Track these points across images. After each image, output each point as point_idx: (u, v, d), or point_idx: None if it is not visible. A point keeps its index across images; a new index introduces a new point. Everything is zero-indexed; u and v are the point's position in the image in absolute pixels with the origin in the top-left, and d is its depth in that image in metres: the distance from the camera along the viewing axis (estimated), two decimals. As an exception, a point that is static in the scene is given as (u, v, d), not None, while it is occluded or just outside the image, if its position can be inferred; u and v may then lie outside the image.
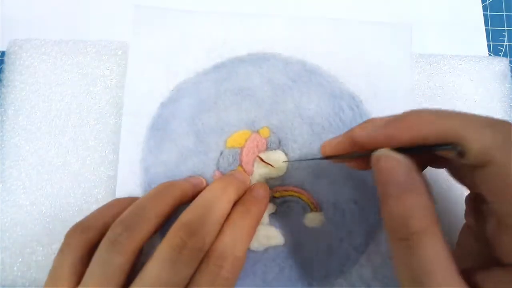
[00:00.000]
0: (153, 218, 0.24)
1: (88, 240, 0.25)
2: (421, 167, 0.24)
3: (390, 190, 0.20)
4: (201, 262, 0.23)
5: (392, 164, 0.20)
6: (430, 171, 0.25)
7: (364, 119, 0.31)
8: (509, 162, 0.18)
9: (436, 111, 0.20)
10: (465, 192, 0.24)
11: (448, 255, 0.19)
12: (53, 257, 0.30)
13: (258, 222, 0.27)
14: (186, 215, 0.24)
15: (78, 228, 0.25)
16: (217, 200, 0.25)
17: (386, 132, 0.21)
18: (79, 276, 0.24)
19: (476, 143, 0.19)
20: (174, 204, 0.26)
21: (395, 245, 0.20)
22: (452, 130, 0.19)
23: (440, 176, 0.28)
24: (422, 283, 0.18)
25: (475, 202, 0.24)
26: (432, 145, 0.20)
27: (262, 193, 0.28)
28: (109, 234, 0.24)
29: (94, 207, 0.31)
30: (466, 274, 0.19)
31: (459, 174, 0.24)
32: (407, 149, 0.21)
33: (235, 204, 0.26)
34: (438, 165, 0.25)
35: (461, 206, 0.25)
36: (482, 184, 0.20)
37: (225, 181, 0.27)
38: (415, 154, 0.21)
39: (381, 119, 0.23)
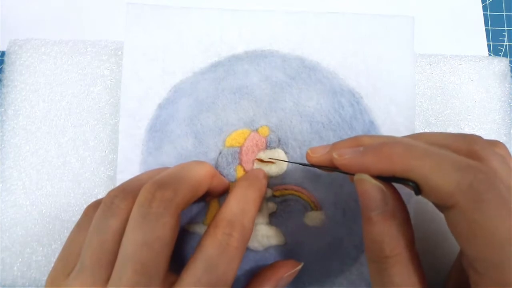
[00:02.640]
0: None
1: None
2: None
3: (367, 213, 0.22)
4: (207, 231, 0.23)
5: (372, 190, 0.22)
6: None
7: (365, 115, 0.31)
8: (473, 208, 0.18)
9: (411, 148, 0.21)
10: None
11: (416, 280, 0.21)
12: (53, 257, 0.30)
13: (261, 197, 0.27)
14: (157, 176, 0.24)
15: (97, 204, 0.25)
16: (192, 164, 0.26)
17: (361, 161, 0.22)
18: None
19: (442, 187, 0.19)
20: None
21: (370, 265, 0.22)
22: (420, 171, 0.20)
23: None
24: None
25: None
26: (398, 177, 0.21)
27: (262, 173, 0.28)
28: (105, 199, 0.24)
29: (94, 206, 0.31)
30: None
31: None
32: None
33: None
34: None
35: None
36: (450, 226, 0.20)
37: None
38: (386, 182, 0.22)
39: (360, 141, 0.24)
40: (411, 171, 0.20)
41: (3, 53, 0.34)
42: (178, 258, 0.27)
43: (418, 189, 0.20)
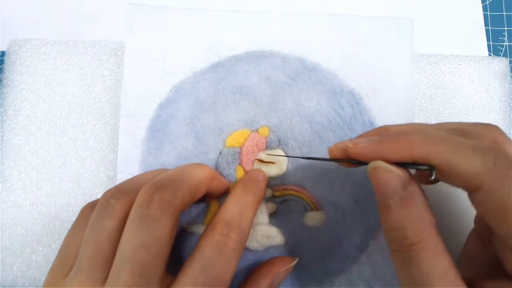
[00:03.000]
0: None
1: None
2: (424, 180, 0.25)
3: (387, 202, 0.21)
4: (205, 232, 0.23)
5: (389, 176, 0.21)
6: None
7: (364, 116, 0.31)
8: (500, 187, 0.19)
9: (430, 135, 0.21)
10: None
11: (446, 265, 0.19)
12: (53, 257, 0.30)
13: (259, 202, 0.27)
14: (156, 178, 0.24)
15: (93, 205, 0.25)
16: (191, 166, 0.26)
17: (378, 148, 0.22)
18: None
19: (466, 170, 0.19)
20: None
21: (394, 255, 0.21)
22: (442, 156, 0.20)
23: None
24: None
25: None
26: (414, 163, 0.21)
27: (261, 175, 0.28)
28: (101, 200, 0.23)
29: (94, 207, 0.31)
30: (472, 282, 0.20)
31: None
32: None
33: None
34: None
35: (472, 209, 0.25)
36: (478, 208, 0.20)
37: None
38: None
39: (377, 132, 0.24)
40: (432, 156, 0.20)
41: (3, 53, 0.34)
42: (177, 258, 0.27)
43: (433, 175, 0.20)
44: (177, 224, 0.23)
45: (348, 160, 0.24)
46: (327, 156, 0.25)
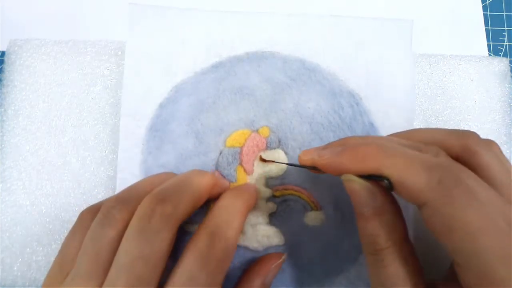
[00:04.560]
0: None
1: None
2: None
3: (360, 210, 0.23)
4: (190, 241, 0.23)
5: (359, 188, 0.22)
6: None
7: (364, 116, 0.31)
8: (442, 205, 0.19)
9: (384, 148, 0.22)
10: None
11: (410, 270, 0.21)
12: (53, 257, 0.30)
13: (249, 209, 0.26)
14: (158, 188, 0.24)
15: (92, 209, 0.25)
16: (193, 175, 0.26)
17: (338, 161, 0.23)
18: None
19: (412, 185, 0.20)
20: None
21: (367, 258, 0.23)
22: (392, 170, 0.21)
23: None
24: None
25: None
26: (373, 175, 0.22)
27: (252, 187, 0.28)
28: (102, 208, 0.24)
29: (94, 207, 0.31)
30: (433, 286, 0.23)
31: None
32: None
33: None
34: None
35: None
36: (425, 223, 0.21)
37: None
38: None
39: (341, 143, 0.25)
40: (384, 169, 0.21)
41: (3, 53, 0.34)
42: (176, 258, 0.27)
43: (391, 186, 0.21)
44: (176, 233, 0.23)
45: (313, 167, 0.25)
46: None
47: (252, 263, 0.28)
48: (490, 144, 0.24)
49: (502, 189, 0.21)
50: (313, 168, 0.25)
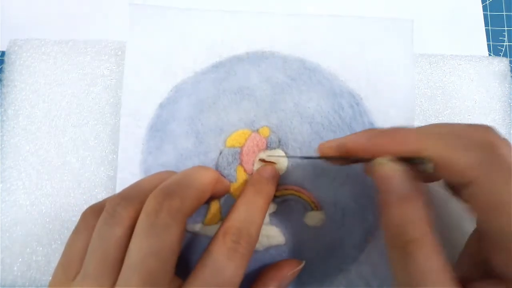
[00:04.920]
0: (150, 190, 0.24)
1: None
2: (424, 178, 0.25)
3: (389, 198, 0.21)
4: (216, 237, 0.23)
5: (392, 172, 0.22)
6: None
7: (364, 117, 0.31)
8: (490, 182, 0.19)
9: (424, 130, 0.22)
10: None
11: (441, 264, 0.20)
12: (53, 257, 0.30)
13: (269, 203, 0.27)
14: (163, 183, 0.24)
15: (95, 209, 0.25)
16: (196, 170, 0.26)
17: (376, 144, 0.23)
18: None
19: (459, 163, 0.20)
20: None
21: (392, 251, 0.21)
22: (435, 150, 0.21)
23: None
24: None
25: None
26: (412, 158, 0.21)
27: (272, 173, 0.28)
28: (107, 207, 0.23)
29: (94, 207, 0.31)
30: (465, 282, 0.20)
31: (454, 191, 0.25)
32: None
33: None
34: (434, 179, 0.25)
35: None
36: (469, 202, 0.21)
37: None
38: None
39: (373, 130, 0.24)
40: (426, 150, 0.21)
41: (3, 53, 0.34)
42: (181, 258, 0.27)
43: (429, 167, 0.21)
44: (184, 229, 0.23)
45: (343, 157, 0.24)
46: None
47: (259, 262, 0.28)
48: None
49: None
50: (326, 158, 0.25)
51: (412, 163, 0.22)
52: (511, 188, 0.19)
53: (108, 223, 0.23)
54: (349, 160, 0.25)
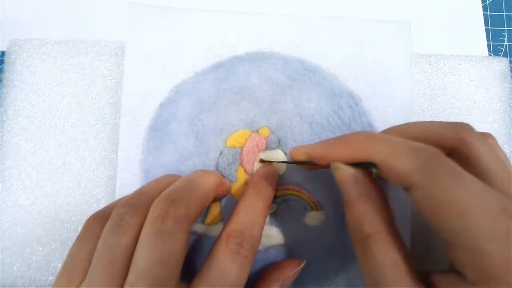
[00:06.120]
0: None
1: None
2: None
3: (346, 197, 0.23)
4: (219, 240, 0.24)
5: (346, 175, 0.23)
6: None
7: (363, 117, 0.31)
8: (430, 184, 0.20)
9: (371, 136, 0.23)
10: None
11: (398, 257, 0.21)
12: (53, 257, 0.30)
13: (269, 204, 0.27)
14: (167, 190, 0.24)
15: (99, 217, 0.25)
16: (200, 175, 0.26)
17: (328, 151, 0.24)
18: None
19: (400, 168, 0.21)
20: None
21: (355, 247, 0.23)
22: (379, 155, 0.22)
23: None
24: (376, 282, 0.21)
25: None
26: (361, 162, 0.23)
27: (271, 173, 0.29)
28: (113, 215, 0.23)
29: (94, 207, 0.31)
30: (425, 274, 0.22)
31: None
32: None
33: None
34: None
35: None
36: (415, 205, 0.21)
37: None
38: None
39: (331, 138, 0.26)
40: (372, 156, 0.22)
41: (3, 53, 0.34)
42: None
43: (376, 171, 0.22)
44: (190, 235, 0.23)
45: (309, 162, 0.26)
46: None
47: (259, 263, 0.29)
48: (484, 136, 0.24)
49: (496, 179, 0.22)
50: (308, 164, 0.26)
51: (364, 167, 0.23)
52: (451, 189, 0.19)
53: (115, 231, 0.23)
54: (316, 165, 0.26)
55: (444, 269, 0.23)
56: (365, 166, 0.23)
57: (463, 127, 0.24)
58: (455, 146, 0.23)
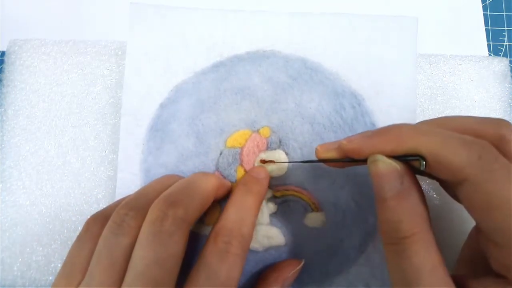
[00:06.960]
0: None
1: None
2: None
3: (384, 194, 0.21)
4: (208, 240, 0.23)
5: (387, 169, 0.21)
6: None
7: (366, 117, 0.31)
8: (484, 180, 0.19)
9: (418, 127, 0.22)
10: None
11: (436, 260, 0.20)
12: (53, 257, 0.30)
13: (260, 202, 0.27)
14: (166, 191, 0.24)
15: (98, 217, 0.25)
16: (199, 177, 0.26)
17: (370, 143, 0.22)
18: None
19: (452, 161, 0.20)
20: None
21: (387, 248, 0.21)
22: (429, 147, 0.20)
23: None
24: (410, 284, 0.19)
25: None
26: (404, 155, 0.21)
27: (262, 173, 0.28)
28: (114, 217, 0.23)
29: (94, 207, 0.31)
30: (461, 280, 0.21)
31: (449, 189, 0.25)
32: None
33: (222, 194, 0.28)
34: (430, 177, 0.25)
35: None
36: (463, 201, 0.20)
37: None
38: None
39: (369, 130, 0.24)
40: (419, 148, 0.21)
41: (3, 53, 0.34)
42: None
43: (425, 165, 0.21)
44: (188, 236, 0.23)
45: (340, 159, 0.24)
46: None
47: (259, 263, 0.29)
48: None
49: None
50: (325, 161, 0.25)
51: (407, 160, 0.22)
52: (508, 186, 0.18)
53: (115, 232, 0.23)
54: (346, 162, 0.25)
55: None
56: (407, 160, 0.21)
57: (503, 124, 0.23)
58: (494, 143, 0.22)
